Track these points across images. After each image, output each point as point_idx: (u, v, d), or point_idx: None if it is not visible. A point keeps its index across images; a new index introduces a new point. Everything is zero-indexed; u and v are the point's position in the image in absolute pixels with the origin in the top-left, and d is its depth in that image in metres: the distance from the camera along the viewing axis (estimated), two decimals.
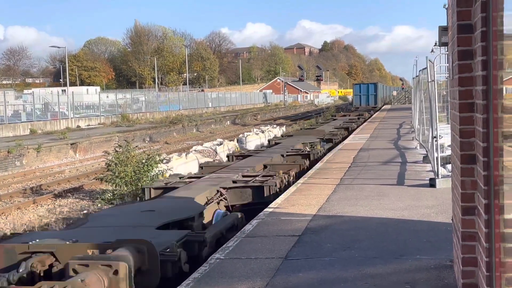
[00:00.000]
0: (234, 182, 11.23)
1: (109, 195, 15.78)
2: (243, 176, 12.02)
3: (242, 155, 17.05)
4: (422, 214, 7.90)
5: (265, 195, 10.45)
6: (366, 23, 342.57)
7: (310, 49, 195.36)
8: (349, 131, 26.09)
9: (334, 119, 35.31)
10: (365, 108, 51.59)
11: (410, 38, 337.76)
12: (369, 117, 38.15)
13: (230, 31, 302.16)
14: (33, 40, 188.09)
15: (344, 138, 21.90)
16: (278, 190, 10.75)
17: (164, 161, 17.22)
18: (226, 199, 10.27)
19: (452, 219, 4.93)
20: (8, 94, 38.95)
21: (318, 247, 6.39)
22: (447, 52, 9.89)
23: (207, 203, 9.65)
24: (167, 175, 16.33)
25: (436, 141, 10.55)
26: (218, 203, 10.05)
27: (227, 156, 18.29)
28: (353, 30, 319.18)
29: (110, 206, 13.30)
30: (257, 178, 11.63)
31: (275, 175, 11.79)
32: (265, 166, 14.05)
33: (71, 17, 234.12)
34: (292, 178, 12.38)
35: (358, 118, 35.54)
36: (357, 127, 28.57)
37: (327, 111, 53.37)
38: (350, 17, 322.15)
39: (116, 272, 5.22)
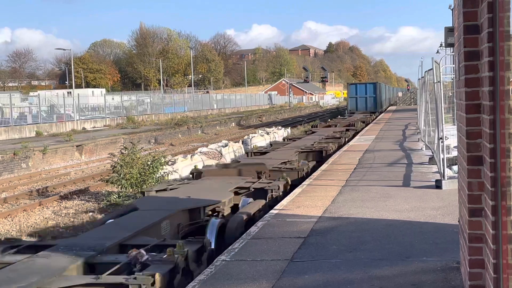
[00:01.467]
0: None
1: (114, 196, 15.83)
2: None
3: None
4: (428, 215, 7.87)
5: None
6: (372, 24, 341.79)
7: (315, 51, 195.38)
8: (324, 156, 16.42)
9: (313, 132, 24.82)
10: (362, 113, 41.51)
11: (415, 39, 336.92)
12: (362, 129, 28.66)
13: (236, 33, 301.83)
14: (39, 43, 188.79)
15: (302, 179, 12.29)
16: None
17: (170, 163, 17.25)
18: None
19: (458, 221, 4.91)
20: (14, 96, 39.12)
21: (324, 249, 6.38)
22: (453, 53, 9.87)
23: None
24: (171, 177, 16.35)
25: (442, 142, 10.52)
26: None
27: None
28: (358, 31, 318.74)
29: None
30: None
31: None
32: None
33: (77, 20, 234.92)
34: None
35: (347, 130, 25.34)
36: (338, 147, 18.89)
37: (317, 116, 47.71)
38: (356, 18, 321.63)
39: None
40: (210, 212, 9.15)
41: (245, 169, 12.50)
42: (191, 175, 13.67)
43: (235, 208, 9.68)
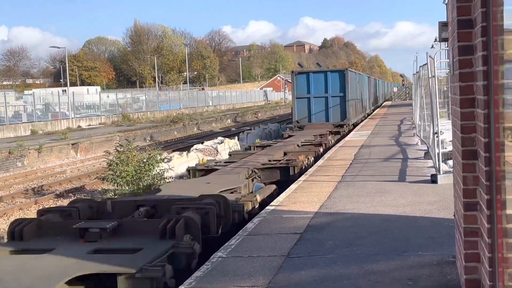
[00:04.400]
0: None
1: (110, 194, 15.79)
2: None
3: None
4: (424, 210, 7.89)
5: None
6: (369, 20, 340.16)
7: (310, 47, 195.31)
8: None
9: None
10: (313, 132, 21.89)
11: (412, 34, 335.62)
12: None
13: (233, 29, 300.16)
14: (37, 41, 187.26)
15: None
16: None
17: (165, 160, 17.22)
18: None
19: (454, 215, 4.93)
20: (8, 95, 38.96)
21: (320, 245, 6.39)
22: (448, 48, 9.89)
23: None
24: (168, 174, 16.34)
25: (437, 137, 10.54)
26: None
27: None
28: (355, 27, 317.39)
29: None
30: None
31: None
32: None
33: (75, 18, 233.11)
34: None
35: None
36: None
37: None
38: (353, 13, 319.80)
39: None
40: None
41: None
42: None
43: None
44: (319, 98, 25.52)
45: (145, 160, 15.48)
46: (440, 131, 10.82)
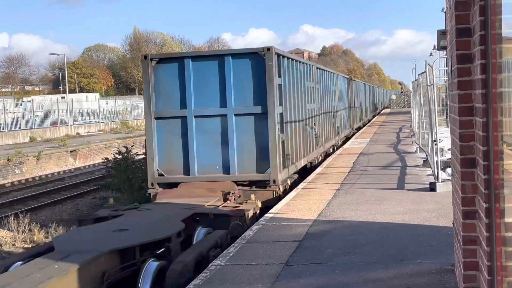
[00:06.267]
0: None
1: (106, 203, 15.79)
2: None
3: None
4: (423, 218, 7.88)
5: None
6: (368, 28, 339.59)
7: (309, 54, 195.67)
8: None
9: None
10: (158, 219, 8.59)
11: (411, 42, 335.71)
12: None
13: (233, 37, 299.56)
14: (37, 48, 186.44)
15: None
16: None
17: None
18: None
19: (453, 223, 4.92)
20: (7, 101, 38.99)
21: (319, 253, 6.38)
22: (446, 56, 9.93)
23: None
24: None
25: (436, 144, 10.55)
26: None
27: None
28: (355, 34, 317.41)
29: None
30: None
31: None
32: None
33: (74, 25, 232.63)
34: None
35: None
36: None
37: None
38: (353, 21, 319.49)
39: None
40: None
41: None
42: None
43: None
44: (208, 118, 11.17)
45: (142, 166, 15.46)
46: (439, 139, 10.82)
